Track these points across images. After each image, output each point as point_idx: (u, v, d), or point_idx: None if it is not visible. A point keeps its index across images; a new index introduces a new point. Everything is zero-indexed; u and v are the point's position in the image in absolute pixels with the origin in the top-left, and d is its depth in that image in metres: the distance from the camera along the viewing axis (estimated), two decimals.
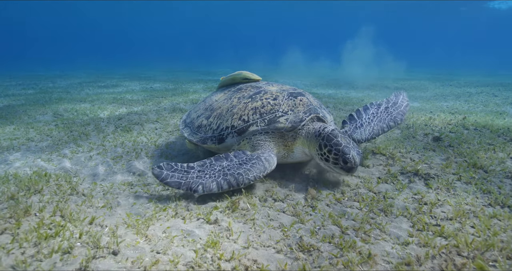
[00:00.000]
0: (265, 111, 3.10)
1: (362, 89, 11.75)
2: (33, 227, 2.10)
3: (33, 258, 1.82)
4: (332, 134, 2.81)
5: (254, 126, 3.04)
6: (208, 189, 2.55)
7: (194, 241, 2.02)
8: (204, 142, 3.29)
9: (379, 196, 2.74)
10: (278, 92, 3.31)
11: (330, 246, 1.96)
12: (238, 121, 3.13)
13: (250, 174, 2.65)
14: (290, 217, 2.36)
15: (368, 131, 3.39)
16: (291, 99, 3.19)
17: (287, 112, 3.08)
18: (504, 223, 2.24)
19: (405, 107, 3.69)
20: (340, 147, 2.71)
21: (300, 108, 3.13)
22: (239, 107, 3.25)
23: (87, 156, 3.92)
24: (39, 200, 2.56)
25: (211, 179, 2.62)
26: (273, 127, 3.01)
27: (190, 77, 17.34)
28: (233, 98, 3.47)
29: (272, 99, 3.20)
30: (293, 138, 3.06)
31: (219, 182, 2.59)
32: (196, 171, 2.71)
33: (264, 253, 1.91)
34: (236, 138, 3.10)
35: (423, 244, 1.99)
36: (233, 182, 2.59)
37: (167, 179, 2.60)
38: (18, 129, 5.31)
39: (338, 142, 2.74)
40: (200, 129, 3.45)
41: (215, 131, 3.26)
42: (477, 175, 3.07)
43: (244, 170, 2.67)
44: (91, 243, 1.94)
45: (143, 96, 9.26)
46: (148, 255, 1.88)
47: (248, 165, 2.72)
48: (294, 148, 3.08)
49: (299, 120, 3.03)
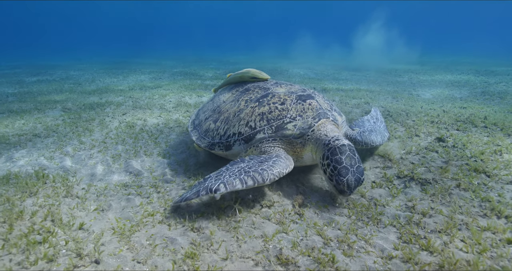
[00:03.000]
0: (273, 117, 3.00)
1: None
2: (23, 233, 2.17)
3: (19, 265, 1.89)
4: (339, 149, 2.61)
5: (261, 133, 2.96)
6: (231, 185, 2.33)
7: (175, 251, 2.05)
8: (211, 148, 3.24)
9: (370, 202, 2.68)
10: (286, 95, 3.19)
11: (309, 260, 1.95)
12: (245, 128, 3.06)
13: (275, 169, 2.51)
14: (274, 225, 2.34)
15: (380, 137, 3.46)
16: (299, 104, 3.07)
17: (295, 118, 2.97)
18: (497, 237, 2.15)
19: (384, 125, 4.01)
20: (339, 166, 2.52)
21: (309, 113, 3.01)
22: (246, 112, 3.17)
23: (88, 154, 4.01)
24: (33, 203, 2.64)
25: (232, 177, 2.43)
26: (280, 135, 2.92)
27: (201, 66, 17.28)
28: (240, 101, 3.39)
29: (280, 103, 3.09)
30: (302, 144, 2.94)
31: (243, 179, 2.39)
32: (213, 177, 2.56)
33: (242, 265, 1.91)
34: (243, 146, 3.03)
35: (406, 260, 1.94)
36: (258, 177, 2.41)
37: (187, 195, 2.47)
38: (26, 124, 5.46)
39: (340, 160, 2.55)
40: (207, 133, 3.41)
41: (223, 137, 3.19)
42: (478, 180, 2.94)
43: (268, 165, 2.54)
44: (75, 251, 2.00)
45: (150, 89, 9.32)
46: (128, 264, 1.92)
47: (270, 162, 2.60)
48: (303, 154, 2.97)
49: (308, 127, 2.92)
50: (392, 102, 6.97)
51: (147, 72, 14.17)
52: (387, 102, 6.95)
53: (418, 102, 6.98)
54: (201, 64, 18.32)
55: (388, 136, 3.69)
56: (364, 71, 13.90)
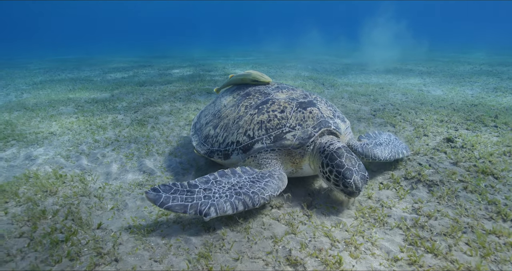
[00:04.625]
0: (271, 127, 2.93)
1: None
2: (47, 232, 2.31)
3: (44, 263, 2.02)
4: (336, 153, 2.63)
5: (259, 143, 2.90)
6: (222, 210, 2.28)
7: (189, 250, 2.16)
8: (210, 155, 3.23)
9: (377, 204, 2.74)
10: (286, 102, 3.11)
11: (316, 261, 2.03)
12: (243, 137, 3.01)
13: (266, 193, 2.46)
14: (283, 226, 2.43)
15: (387, 152, 3.23)
16: (299, 112, 2.99)
17: (294, 128, 2.90)
18: (501, 240, 2.20)
19: (407, 146, 3.58)
20: (341, 169, 2.53)
21: (309, 122, 2.94)
22: (245, 119, 3.11)
23: (102, 152, 4.14)
24: (53, 202, 2.79)
25: (222, 199, 2.36)
26: (279, 145, 2.85)
27: (207, 61, 17.33)
28: (240, 106, 3.33)
29: (279, 111, 3.01)
30: (301, 155, 2.89)
31: (233, 203, 2.34)
32: (201, 190, 2.45)
33: (253, 265, 2.01)
34: (241, 155, 2.98)
35: (411, 262, 2.01)
36: (249, 202, 2.38)
37: (168, 203, 2.29)
38: (42, 122, 5.64)
39: (341, 163, 2.56)
40: (207, 140, 3.38)
41: (221, 145, 3.16)
42: (485, 183, 2.97)
43: (259, 188, 2.48)
44: (95, 250, 2.12)
45: (160, 85, 9.44)
46: (146, 263, 2.04)
47: (261, 183, 2.54)
48: (302, 165, 2.93)
49: (307, 137, 2.85)
50: (402, 99, 6.94)
51: (156, 68, 14.31)
52: (397, 99, 6.93)
53: (428, 99, 6.93)
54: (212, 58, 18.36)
55: (406, 154, 3.39)
56: (373, 66, 13.77)
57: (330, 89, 8.32)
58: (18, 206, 2.74)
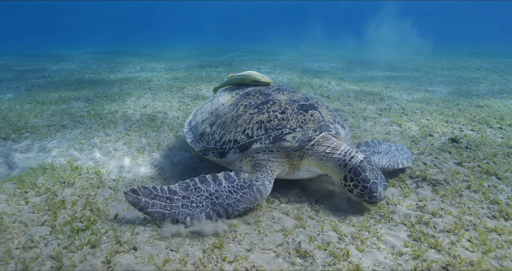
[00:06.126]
0: (271, 127, 2.87)
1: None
2: (67, 221, 2.43)
3: (66, 249, 2.14)
4: (360, 168, 2.60)
5: (257, 143, 2.84)
6: (197, 220, 2.40)
7: (204, 241, 2.26)
8: (205, 153, 3.15)
9: (382, 201, 2.83)
10: (287, 103, 3.05)
11: (325, 254, 2.13)
12: (242, 136, 2.94)
13: (240, 205, 2.52)
14: (292, 220, 2.54)
15: (385, 160, 3.20)
16: (301, 114, 2.94)
17: (295, 129, 2.85)
18: (502, 238, 2.29)
19: (411, 155, 3.55)
20: (368, 184, 2.54)
21: (310, 125, 2.89)
22: (244, 118, 3.05)
23: (114, 146, 4.26)
24: (71, 193, 2.90)
25: (198, 208, 2.46)
26: (278, 146, 2.80)
27: (213, 58, 17.39)
28: (239, 106, 3.26)
29: (280, 112, 2.96)
30: (300, 157, 2.84)
31: (208, 213, 2.45)
32: (180, 198, 2.51)
33: (265, 256, 2.12)
34: (238, 154, 2.91)
35: (415, 256, 2.11)
36: (222, 212, 2.47)
37: (148, 209, 2.38)
38: (54, 115, 5.76)
39: (366, 178, 2.56)
40: (203, 137, 3.31)
41: (218, 143, 3.09)
42: (488, 183, 3.06)
43: (234, 200, 2.53)
44: (114, 239, 2.24)
45: (168, 81, 9.54)
46: (163, 252, 2.15)
47: (238, 195, 2.56)
48: (300, 167, 2.89)
49: (308, 140, 2.81)
50: (408, 99, 7.00)
51: (163, 63, 14.40)
52: (402, 99, 6.98)
53: (434, 99, 6.98)
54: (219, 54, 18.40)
55: (406, 165, 3.32)
56: (379, 64, 13.78)
57: (335, 87, 8.39)
58: (37, 196, 2.86)
